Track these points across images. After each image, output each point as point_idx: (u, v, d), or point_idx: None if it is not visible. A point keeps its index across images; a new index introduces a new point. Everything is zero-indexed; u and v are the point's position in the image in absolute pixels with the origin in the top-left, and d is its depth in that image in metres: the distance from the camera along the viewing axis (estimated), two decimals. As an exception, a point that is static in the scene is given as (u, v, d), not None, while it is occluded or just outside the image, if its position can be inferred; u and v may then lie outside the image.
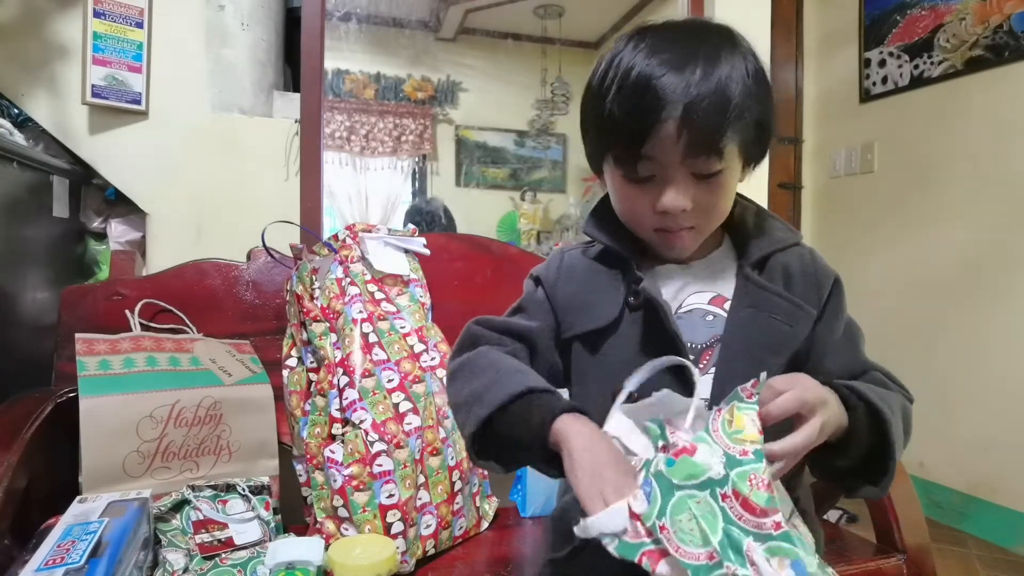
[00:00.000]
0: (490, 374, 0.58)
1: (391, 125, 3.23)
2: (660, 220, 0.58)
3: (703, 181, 0.56)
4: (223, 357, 0.99)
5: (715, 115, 0.53)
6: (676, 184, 0.56)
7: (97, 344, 0.90)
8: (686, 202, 0.56)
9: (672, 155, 0.55)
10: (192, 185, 1.28)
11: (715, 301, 0.62)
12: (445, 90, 3.33)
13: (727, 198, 0.60)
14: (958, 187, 1.92)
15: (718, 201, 0.58)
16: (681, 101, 0.53)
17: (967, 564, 1.65)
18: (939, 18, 1.98)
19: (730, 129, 0.54)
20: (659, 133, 0.54)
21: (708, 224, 0.60)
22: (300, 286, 0.95)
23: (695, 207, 0.57)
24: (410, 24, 3.24)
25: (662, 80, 0.53)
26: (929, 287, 2.00)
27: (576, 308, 0.64)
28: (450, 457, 0.91)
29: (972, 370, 1.87)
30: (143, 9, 1.23)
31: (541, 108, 3.29)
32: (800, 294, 0.61)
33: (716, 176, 0.56)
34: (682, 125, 0.53)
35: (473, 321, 0.66)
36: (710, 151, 0.54)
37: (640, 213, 0.59)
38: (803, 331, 0.60)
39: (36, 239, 1.13)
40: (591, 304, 0.63)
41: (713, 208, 0.59)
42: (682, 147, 0.54)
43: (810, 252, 0.65)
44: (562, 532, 0.62)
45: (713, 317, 0.61)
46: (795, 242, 0.64)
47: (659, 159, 0.55)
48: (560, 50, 3.21)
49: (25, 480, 0.77)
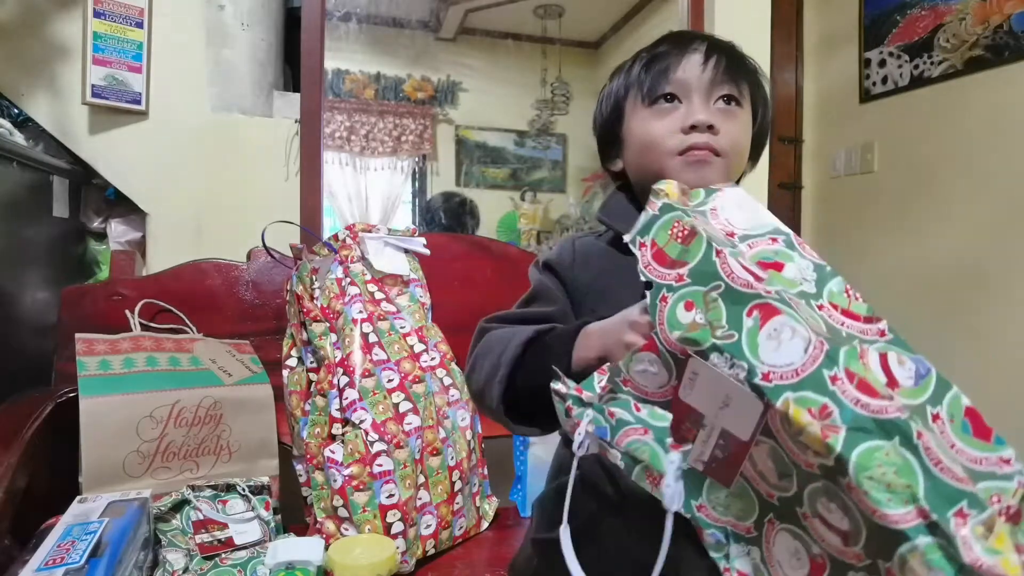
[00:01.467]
0: (500, 345, 0.58)
1: (391, 125, 3.23)
2: (687, 139, 0.61)
3: (725, 110, 0.61)
4: (223, 357, 0.99)
5: (737, 55, 0.63)
6: (703, 103, 0.61)
7: (97, 344, 0.90)
8: (712, 119, 0.60)
9: (700, 78, 0.61)
10: (192, 185, 1.28)
11: None
12: (445, 90, 3.33)
13: (744, 140, 0.63)
14: (958, 187, 1.92)
15: (737, 132, 0.62)
16: (707, 41, 0.63)
17: (967, 564, 1.65)
18: (939, 18, 1.98)
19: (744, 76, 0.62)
20: (688, 59, 0.62)
21: (731, 156, 0.62)
22: (300, 286, 0.95)
23: (721, 132, 0.60)
24: (410, 24, 3.24)
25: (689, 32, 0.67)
26: (929, 287, 2.00)
27: (596, 292, 0.63)
28: (450, 457, 0.91)
29: (972, 370, 1.87)
30: (143, 9, 1.23)
31: (541, 108, 3.29)
32: None
33: (735, 108, 0.62)
34: (708, 55, 0.61)
35: (483, 320, 0.65)
36: (733, 79, 0.61)
37: (665, 137, 0.62)
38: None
39: (36, 239, 1.13)
40: (611, 289, 0.62)
41: (733, 138, 0.61)
42: (709, 71, 0.61)
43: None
44: (550, 513, 0.62)
45: None
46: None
47: (687, 82, 0.61)
48: (560, 50, 3.21)
49: (25, 480, 0.77)
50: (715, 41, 0.63)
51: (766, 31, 1.76)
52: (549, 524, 0.62)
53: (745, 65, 0.63)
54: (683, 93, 0.62)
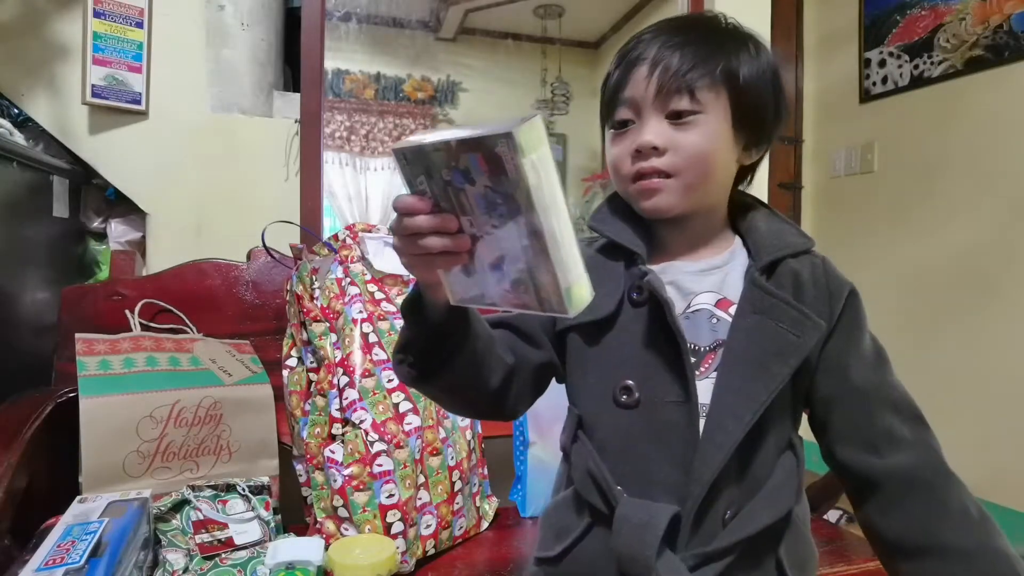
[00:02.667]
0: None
1: (391, 125, 3.23)
2: (636, 163, 0.58)
3: (677, 123, 0.56)
4: (223, 357, 0.99)
5: (686, 56, 0.56)
6: (650, 123, 0.57)
7: (97, 344, 0.90)
8: (655, 138, 0.56)
9: (646, 94, 0.57)
10: (192, 185, 1.28)
11: (721, 304, 0.60)
12: (445, 90, 3.33)
13: (708, 148, 0.57)
14: (958, 187, 1.92)
15: (694, 145, 0.56)
16: (657, 45, 0.57)
17: (967, 564, 1.65)
18: (939, 18, 1.98)
19: (702, 71, 0.56)
20: (636, 75, 0.57)
21: (687, 173, 0.57)
22: (300, 286, 0.95)
23: (671, 149, 0.56)
24: (410, 24, 3.24)
25: (647, 35, 0.59)
26: (929, 287, 2.00)
27: None
28: (450, 457, 0.91)
29: (972, 370, 1.87)
30: (143, 9, 1.23)
31: (541, 108, 3.29)
32: (810, 304, 0.58)
33: (689, 118, 0.56)
34: (654, 65, 0.56)
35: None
36: (679, 88, 0.55)
37: (621, 162, 0.59)
38: (810, 342, 0.57)
39: (36, 239, 1.13)
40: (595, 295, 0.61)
41: (690, 153, 0.56)
42: (653, 84, 0.56)
43: (823, 261, 0.62)
44: (554, 530, 0.62)
45: (717, 320, 0.59)
46: (806, 248, 0.61)
47: (635, 100, 0.58)
48: (560, 50, 3.21)
49: (25, 480, 0.77)
50: (668, 38, 0.57)
51: (766, 31, 1.76)
52: (554, 540, 0.61)
53: (704, 54, 0.56)
54: (635, 112, 0.58)
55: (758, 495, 0.56)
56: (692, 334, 0.58)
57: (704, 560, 0.53)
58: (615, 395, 0.57)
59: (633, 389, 0.57)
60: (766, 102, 0.60)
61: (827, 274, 0.61)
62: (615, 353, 0.59)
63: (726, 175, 0.61)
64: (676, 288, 0.60)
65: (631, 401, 0.57)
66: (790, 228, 0.63)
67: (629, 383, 0.57)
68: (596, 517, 0.58)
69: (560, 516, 0.62)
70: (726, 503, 0.55)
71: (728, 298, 0.59)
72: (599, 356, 0.60)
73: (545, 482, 1.02)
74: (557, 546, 0.60)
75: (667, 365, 0.56)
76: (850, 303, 0.60)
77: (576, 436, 0.61)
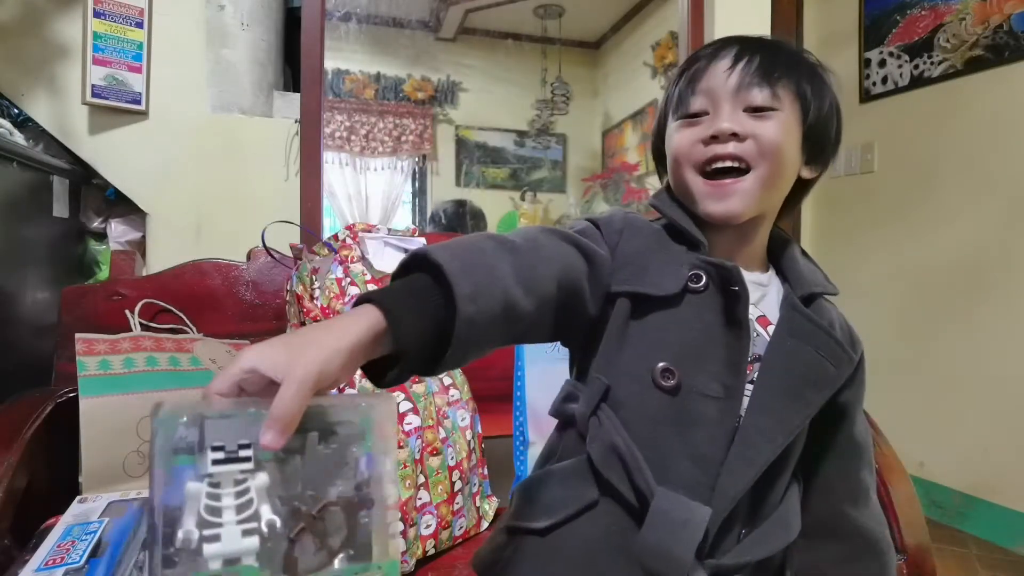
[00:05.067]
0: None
1: (391, 125, 3.23)
2: (708, 152, 0.57)
3: (755, 115, 0.57)
4: (223, 357, 0.99)
5: (769, 54, 0.57)
6: (725, 111, 0.57)
7: (97, 344, 0.90)
8: (735, 125, 0.56)
9: (726, 85, 0.57)
10: (192, 185, 1.28)
11: (761, 320, 0.58)
12: (445, 90, 3.33)
13: (784, 141, 0.56)
14: (958, 187, 1.92)
15: (774, 136, 0.56)
16: (738, 46, 0.58)
17: (967, 564, 1.65)
18: (939, 18, 1.98)
19: (784, 71, 0.57)
20: (716, 65, 0.58)
21: (763, 165, 0.56)
22: (300, 286, 0.95)
23: (750, 137, 0.56)
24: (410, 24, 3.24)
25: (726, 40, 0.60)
26: (929, 287, 2.00)
27: (637, 265, 0.57)
28: (450, 457, 0.91)
29: (972, 370, 1.87)
30: (143, 9, 1.23)
31: (541, 108, 3.29)
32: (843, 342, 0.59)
33: (768, 112, 0.56)
34: (737, 59, 0.57)
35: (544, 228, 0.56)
36: (760, 83, 0.56)
37: (689, 149, 0.58)
38: (844, 375, 0.57)
39: (36, 239, 1.13)
40: (652, 267, 0.57)
41: (768, 142, 0.56)
42: (735, 76, 0.57)
43: (840, 312, 0.63)
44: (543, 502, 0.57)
45: (757, 335, 0.57)
46: (834, 292, 0.62)
47: (713, 91, 0.58)
48: (560, 50, 3.21)
49: (25, 480, 0.77)
50: (749, 42, 0.59)
51: (766, 31, 1.76)
52: (530, 513, 0.57)
53: (783, 61, 0.57)
54: (712, 103, 0.58)
55: (771, 517, 0.56)
56: None
57: (718, 573, 0.52)
58: (655, 376, 0.54)
59: (674, 373, 0.54)
60: (831, 125, 0.61)
61: (847, 324, 0.62)
62: (662, 334, 0.55)
63: (789, 181, 0.61)
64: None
65: (671, 386, 0.53)
66: (819, 271, 0.63)
67: (671, 367, 0.54)
68: (610, 495, 0.54)
69: (553, 488, 0.57)
70: (742, 521, 0.55)
71: (767, 316, 0.59)
72: (644, 332, 0.56)
73: (545, 482, 1.02)
74: (544, 519, 0.55)
75: (720, 358, 0.54)
76: (863, 357, 0.61)
77: (599, 407, 0.56)
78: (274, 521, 0.36)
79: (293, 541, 0.37)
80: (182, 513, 0.34)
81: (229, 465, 0.36)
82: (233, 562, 0.35)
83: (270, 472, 0.37)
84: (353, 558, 0.39)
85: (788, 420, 0.54)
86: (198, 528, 0.35)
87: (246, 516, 0.36)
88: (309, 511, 0.38)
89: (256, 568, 0.36)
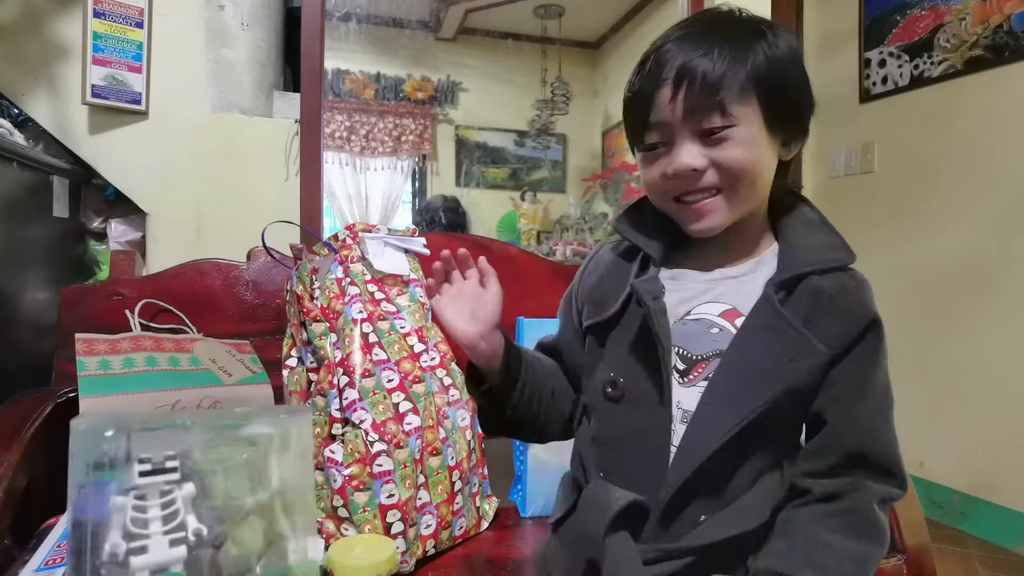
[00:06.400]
0: None
1: (391, 125, 3.23)
2: (676, 186, 0.57)
3: (711, 139, 0.54)
4: (223, 357, 0.99)
5: (708, 70, 0.53)
6: (682, 145, 0.55)
7: (97, 344, 0.90)
8: (693, 160, 0.54)
9: (673, 116, 0.55)
10: (192, 185, 1.28)
11: (727, 315, 0.58)
12: (445, 90, 3.34)
13: (748, 158, 0.55)
14: (958, 187, 1.92)
15: (735, 159, 0.54)
16: (678, 61, 0.54)
17: (967, 564, 1.65)
18: (939, 18, 1.98)
19: (729, 83, 0.53)
20: (660, 97, 0.55)
21: (735, 188, 0.56)
22: (300, 286, 0.95)
23: (712, 166, 0.55)
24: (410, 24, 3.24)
25: (666, 48, 0.56)
26: (929, 287, 2.00)
27: (593, 300, 0.64)
28: (450, 457, 0.91)
29: (972, 370, 1.87)
30: (143, 9, 1.23)
31: (541, 108, 3.29)
32: (822, 326, 0.55)
33: (724, 132, 0.54)
34: (677, 84, 0.54)
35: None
36: (708, 107, 0.53)
37: (658, 185, 0.58)
38: (806, 367, 0.54)
39: (36, 239, 1.13)
40: (605, 295, 0.63)
41: (732, 167, 0.55)
42: (680, 106, 0.54)
43: (859, 283, 0.58)
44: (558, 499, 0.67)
45: (719, 331, 0.57)
46: (841, 265, 0.57)
47: (664, 123, 0.56)
48: (560, 50, 3.21)
49: (25, 480, 0.77)
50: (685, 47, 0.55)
51: (766, 31, 1.76)
52: (556, 508, 0.66)
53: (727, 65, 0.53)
54: (664, 136, 0.56)
55: (731, 506, 0.55)
56: (685, 341, 0.58)
57: (663, 556, 0.55)
58: (604, 388, 0.60)
59: (619, 385, 0.59)
60: (795, 93, 0.57)
61: (856, 298, 0.57)
62: (610, 351, 0.62)
63: (768, 177, 0.59)
64: (680, 293, 0.60)
65: (616, 395, 0.60)
66: (829, 240, 0.59)
67: (617, 379, 0.60)
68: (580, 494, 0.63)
69: (560, 489, 0.68)
70: (700, 510, 0.55)
71: (739, 309, 0.57)
72: (600, 352, 0.63)
73: (545, 482, 1.02)
74: (558, 513, 0.65)
75: (647, 367, 0.58)
76: (871, 333, 0.57)
77: (580, 421, 0.65)
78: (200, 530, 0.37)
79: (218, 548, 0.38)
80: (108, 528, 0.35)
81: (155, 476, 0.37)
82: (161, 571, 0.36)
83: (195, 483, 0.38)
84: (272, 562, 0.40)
85: (737, 412, 0.54)
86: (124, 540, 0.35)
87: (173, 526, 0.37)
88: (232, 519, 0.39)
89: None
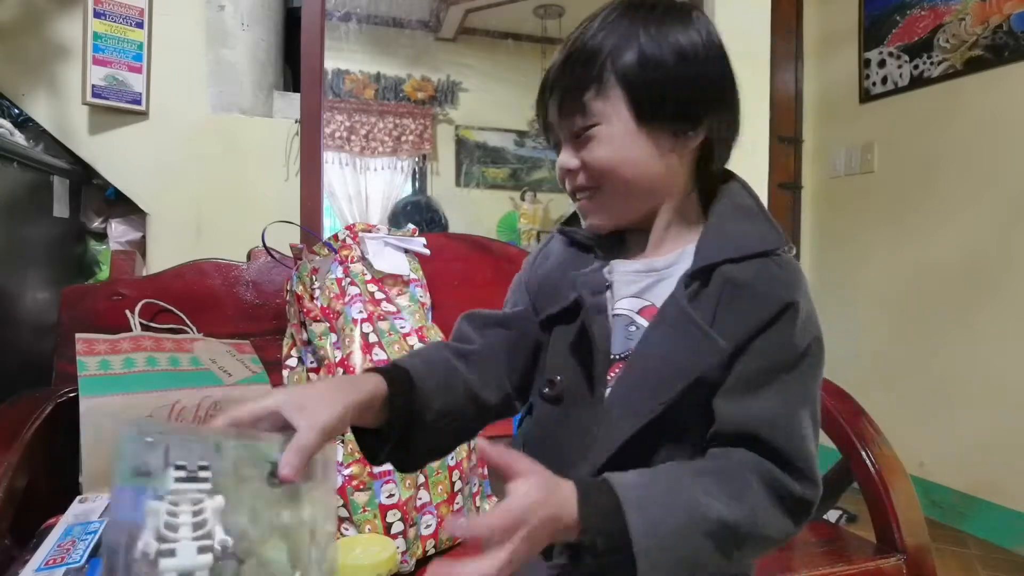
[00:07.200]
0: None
1: (391, 125, 3.24)
2: (568, 186, 0.59)
3: (580, 140, 0.55)
4: (223, 357, 0.99)
5: (568, 71, 0.55)
6: (565, 146, 0.57)
7: (97, 344, 0.90)
8: (567, 160, 0.56)
9: (552, 119, 0.57)
10: (192, 185, 1.28)
11: (645, 311, 0.55)
12: (445, 90, 3.34)
13: (611, 157, 0.54)
14: (958, 187, 1.92)
15: (596, 159, 0.54)
16: (556, 61, 0.56)
17: (967, 564, 1.65)
18: (939, 18, 1.98)
19: (588, 83, 0.53)
20: (545, 99, 0.57)
21: (604, 187, 0.55)
22: (300, 286, 0.95)
23: (583, 167, 0.56)
24: (410, 24, 3.24)
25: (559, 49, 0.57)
26: (929, 287, 2.00)
27: (544, 292, 0.61)
28: (450, 457, 0.91)
29: (972, 370, 1.87)
30: (143, 9, 1.23)
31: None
32: (727, 318, 0.51)
33: (588, 132, 0.54)
34: (551, 89, 0.56)
35: (462, 316, 0.64)
36: (572, 108, 0.55)
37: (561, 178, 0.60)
38: (705, 363, 0.51)
39: (36, 239, 1.13)
40: (556, 288, 0.59)
41: (594, 167, 0.55)
42: (553, 108, 0.56)
43: (781, 266, 0.53)
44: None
45: (636, 328, 0.55)
46: (762, 251, 0.53)
47: (551, 126, 0.58)
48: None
49: (25, 480, 0.77)
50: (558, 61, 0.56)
51: (766, 31, 1.76)
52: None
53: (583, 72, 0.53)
54: (555, 137, 0.59)
55: None
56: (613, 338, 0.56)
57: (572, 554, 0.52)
58: (541, 388, 0.59)
59: (557, 384, 0.57)
60: (675, 83, 0.53)
61: (771, 283, 0.52)
62: (553, 347, 0.59)
63: (655, 175, 0.55)
64: (615, 289, 0.58)
65: (552, 395, 0.57)
66: (754, 227, 0.55)
67: (556, 378, 0.57)
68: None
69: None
70: None
71: (656, 305, 0.55)
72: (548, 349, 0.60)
73: (545, 482, 1.02)
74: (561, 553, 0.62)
75: (583, 365, 0.56)
76: (784, 319, 0.51)
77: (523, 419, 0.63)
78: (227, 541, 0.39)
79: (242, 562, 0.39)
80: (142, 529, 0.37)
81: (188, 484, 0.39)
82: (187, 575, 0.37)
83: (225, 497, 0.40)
84: None
85: (640, 410, 0.52)
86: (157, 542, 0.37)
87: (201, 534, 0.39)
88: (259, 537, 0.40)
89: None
